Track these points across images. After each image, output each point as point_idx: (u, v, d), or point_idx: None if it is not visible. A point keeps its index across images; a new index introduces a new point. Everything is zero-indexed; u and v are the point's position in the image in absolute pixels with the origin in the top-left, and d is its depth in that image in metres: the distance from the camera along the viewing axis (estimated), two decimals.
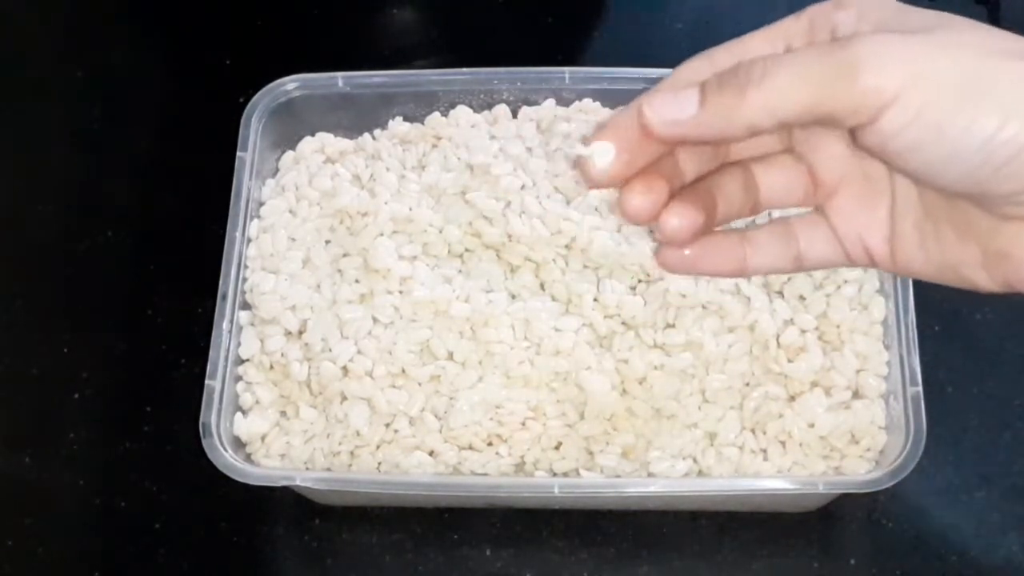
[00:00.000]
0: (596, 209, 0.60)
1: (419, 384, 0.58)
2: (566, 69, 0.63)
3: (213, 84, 0.74)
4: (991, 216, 0.37)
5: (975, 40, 0.35)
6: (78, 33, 0.78)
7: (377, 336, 0.58)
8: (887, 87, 0.34)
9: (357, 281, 0.60)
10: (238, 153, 0.61)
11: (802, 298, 0.59)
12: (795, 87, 0.35)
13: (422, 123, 0.64)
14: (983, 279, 0.39)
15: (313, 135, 0.64)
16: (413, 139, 0.63)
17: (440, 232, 0.61)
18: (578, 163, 0.38)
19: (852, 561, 0.61)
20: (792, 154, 0.42)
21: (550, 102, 0.63)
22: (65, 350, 0.67)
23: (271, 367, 0.59)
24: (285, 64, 0.64)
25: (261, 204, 0.62)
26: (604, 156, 0.37)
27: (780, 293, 0.59)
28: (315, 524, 0.62)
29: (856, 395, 0.57)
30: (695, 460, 0.57)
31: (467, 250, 0.61)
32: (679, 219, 0.39)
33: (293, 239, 0.61)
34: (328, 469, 0.57)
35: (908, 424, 0.54)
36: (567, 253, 0.60)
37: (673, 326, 0.58)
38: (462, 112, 0.64)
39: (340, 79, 0.63)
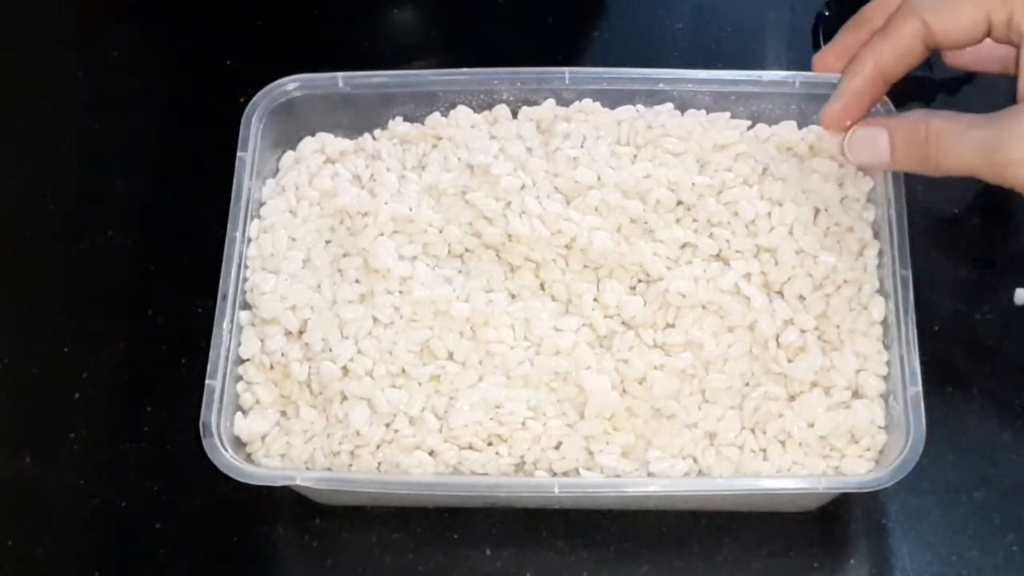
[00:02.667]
0: (596, 209, 0.60)
1: (419, 384, 0.58)
2: (566, 69, 0.63)
3: (213, 84, 0.74)
4: None
5: None
6: (78, 33, 0.78)
7: (377, 336, 0.58)
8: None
9: (357, 281, 0.60)
10: (238, 153, 0.61)
11: (802, 298, 0.59)
12: (963, 160, 0.53)
13: (422, 123, 0.64)
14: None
15: (313, 135, 0.64)
16: (413, 139, 0.63)
17: (440, 232, 0.61)
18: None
19: (852, 561, 0.61)
20: None
21: (550, 102, 0.63)
22: (65, 350, 0.67)
23: (271, 367, 0.59)
24: (285, 64, 0.64)
25: (261, 204, 0.62)
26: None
27: (780, 293, 0.59)
28: (315, 524, 0.62)
29: (856, 395, 0.57)
30: (695, 460, 0.57)
31: (467, 250, 0.61)
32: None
33: (293, 239, 0.61)
34: (328, 469, 0.57)
35: (908, 424, 0.54)
36: (567, 253, 0.60)
37: (673, 326, 0.58)
38: (462, 112, 0.64)
39: (340, 79, 0.63)
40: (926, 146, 0.54)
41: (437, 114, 0.64)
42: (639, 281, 0.60)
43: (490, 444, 0.57)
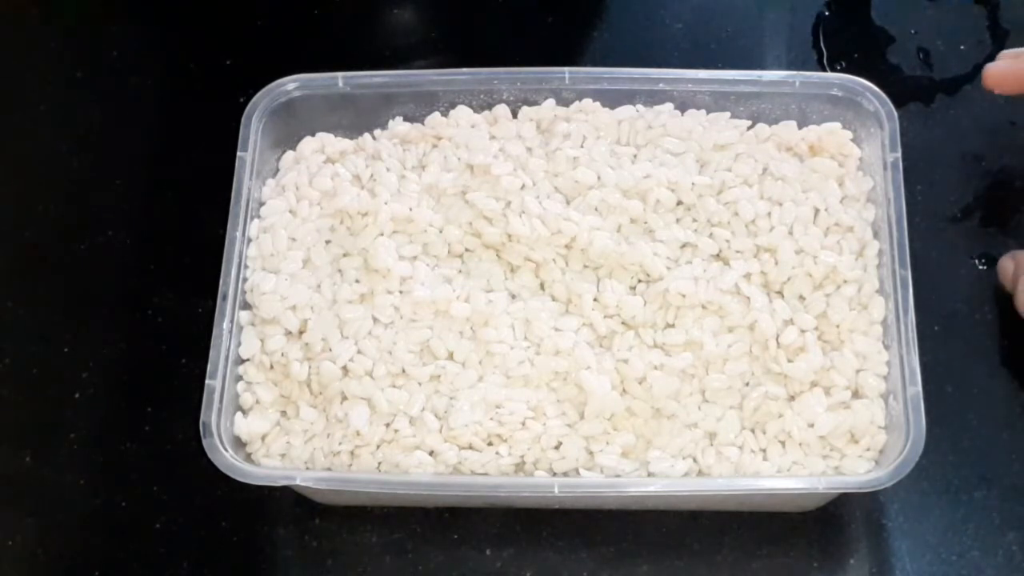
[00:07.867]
0: (596, 209, 0.60)
1: (419, 384, 0.58)
2: (566, 69, 0.63)
3: (213, 84, 0.74)
4: None
5: None
6: (78, 33, 0.78)
7: (377, 336, 0.59)
8: None
9: (357, 281, 0.60)
10: (238, 153, 0.61)
11: (802, 298, 0.59)
12: None
13: (422, 123, 0.64)
14: None
15: (313, 135, 0.64)
16: (413, 139, 0.63)
17: (440, 232, 0.61)
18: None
19: (852, 561, 0.61)
20: None
21: (550, 102, 0.63)
22: (65, 350, 0.67)
23: (271, 367, 0.59)
24: (285, 64, 0.64)
25: (261, 204, 0.62)
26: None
27: (780, 293, 0.59)
28: (315, 524, 0.62)
29: (856, 395, 0.57)
30: (695, 460, 0.57)
31: (467, 250, 0.61)
32: None
33: (293, 239, 0.61)
34: (328, 469, 0.58)
35: (908, 424, 0.54)
36: (567, 253, 0.60)
37: (673, 326, 0.58)
38: (462, 112, 0.64)
39: (340, 79, 0.63)
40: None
41: (437, 114, 0.64)
42: (639, 281, 0.60)
43: (490, 444, 0.57)
